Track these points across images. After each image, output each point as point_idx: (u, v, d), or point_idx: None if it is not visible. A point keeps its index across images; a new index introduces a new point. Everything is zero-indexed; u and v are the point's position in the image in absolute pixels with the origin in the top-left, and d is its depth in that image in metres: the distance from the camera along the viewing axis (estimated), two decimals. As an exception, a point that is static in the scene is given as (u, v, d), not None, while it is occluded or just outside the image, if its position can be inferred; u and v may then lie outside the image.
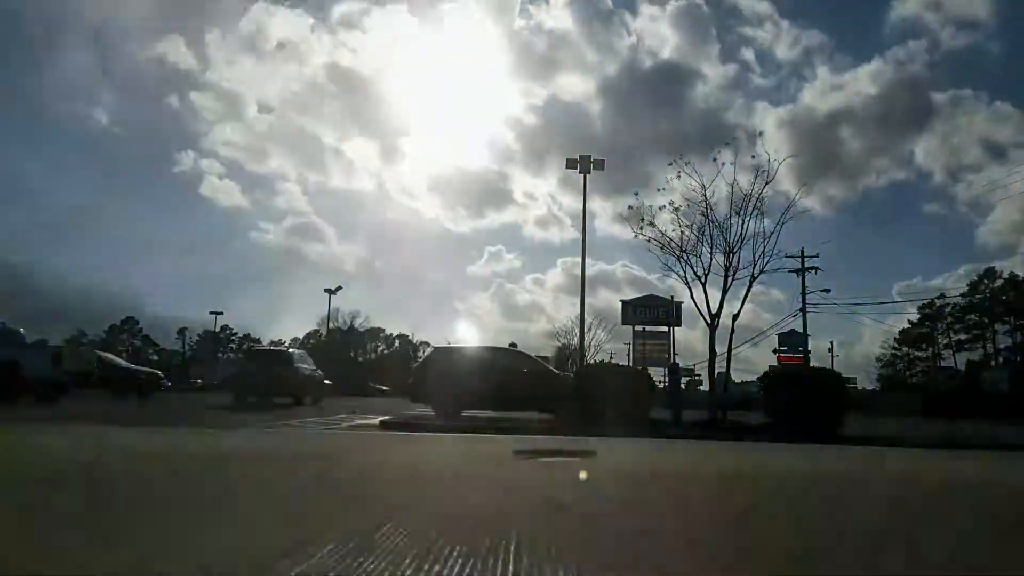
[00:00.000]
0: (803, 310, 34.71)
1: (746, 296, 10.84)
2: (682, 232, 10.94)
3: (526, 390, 10.48)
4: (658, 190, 11.22)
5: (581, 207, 23.17)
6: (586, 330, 26.30)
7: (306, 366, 19.05)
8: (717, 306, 10.80)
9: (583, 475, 3.68)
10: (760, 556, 1.94)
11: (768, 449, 6.49)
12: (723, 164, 10.67)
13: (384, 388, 49.77)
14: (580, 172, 22.37)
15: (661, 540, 2.08)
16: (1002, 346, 59.40)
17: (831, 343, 60.27)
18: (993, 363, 56.29)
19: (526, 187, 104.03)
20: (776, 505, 3.00)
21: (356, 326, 66.47)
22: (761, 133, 10.76)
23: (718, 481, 3.80)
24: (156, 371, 23.76)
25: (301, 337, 77.40)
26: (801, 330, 33.34)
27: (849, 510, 2.93)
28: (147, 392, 18.56)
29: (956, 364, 61.62)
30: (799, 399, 9.72)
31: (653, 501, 2.96)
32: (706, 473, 4.16)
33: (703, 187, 10.82)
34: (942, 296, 57.84)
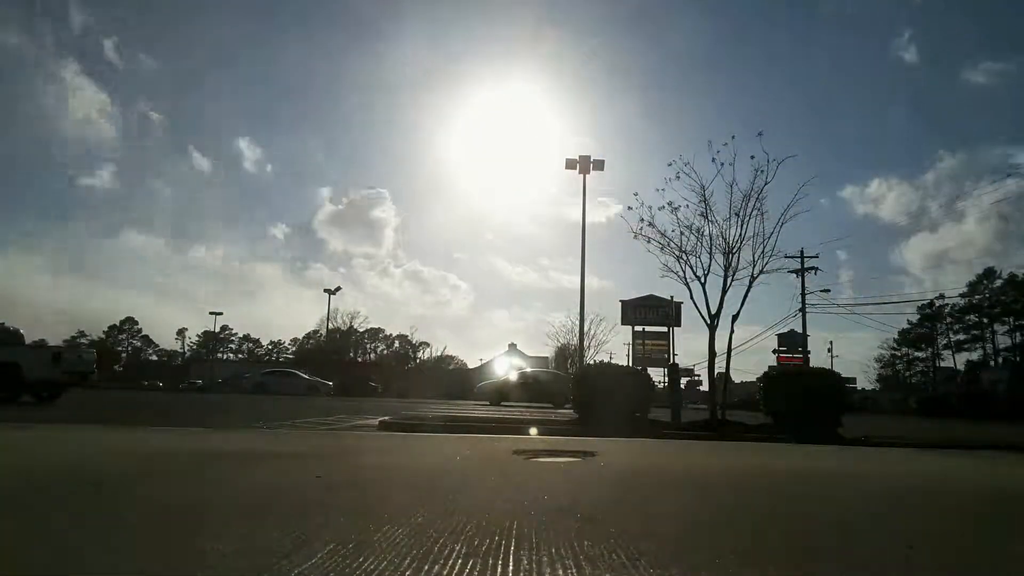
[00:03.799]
0: (803, 310, 34.73)
1: (745, 296, 10.82)
2: (681, 232, 10.91)
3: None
4: (657, 190, 11.13)
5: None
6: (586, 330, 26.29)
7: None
8: (717, 306, 10.77)
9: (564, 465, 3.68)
10: (753, 553, 1.95)
11: (764, 450, 6.49)
12: (723, 164, 10.62)
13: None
14: (580, 172, 22.39)
15: (660, 539, 2.09)
16: (1002, 346, 59.43)
17: (830, 343, 60.29)
18: (992, 363, 56.27)
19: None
20: (769, 503, 3.01)
21: (355, 326, 66.31)
22: (760, 133, 10.68)
23: (714, 481, 3.80)
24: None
25: (300, 337, 77.40)
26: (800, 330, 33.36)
27: (820, 505, 2.95)
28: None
29: (955, 364, 61.62)
30: (798, 399, 9.73)
31: (651, 501, 2.97)
32: (701, 473, 4.17)
33: (703, 187, 10.80)
34: (942, 296, 57.86)
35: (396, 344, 79.37)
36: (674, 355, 13.96)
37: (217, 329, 77.96)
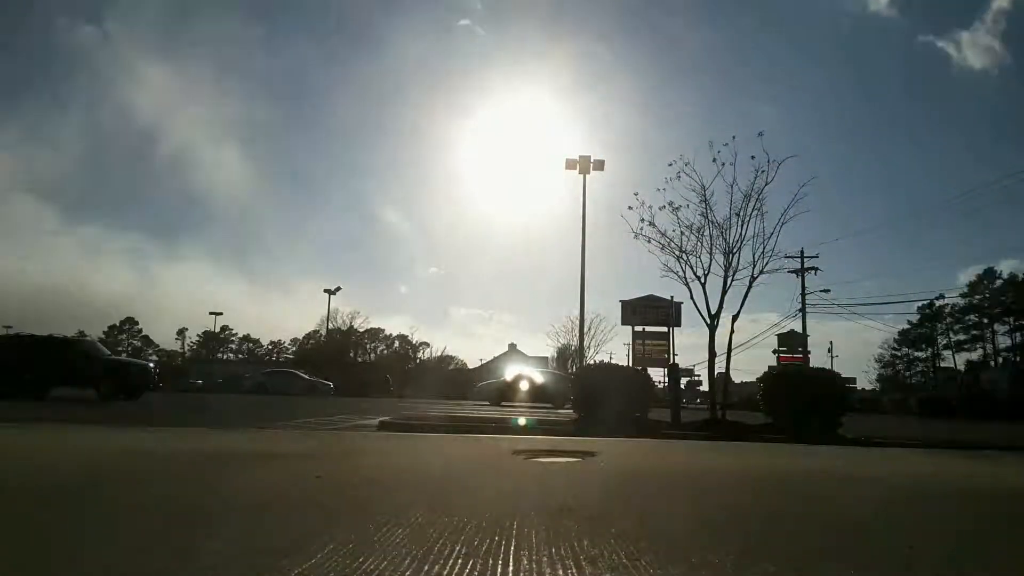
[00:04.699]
0: (803, 310, 34.75)
1: (746, 296, 10.81)
2: (682, 232, 10.90)
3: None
4: (657, 190, 11.12)
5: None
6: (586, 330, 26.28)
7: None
8: (717, 307, 10.77)
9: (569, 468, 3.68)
10: (754, 553, 1.95)
11: (764, 450, 6.49)
12: (723, 164, 10.61)
13: None
14: (580, 172, 22.40)
15: (660, 539, 2.08)
16: (1002, 346, 59.44)
17: (830, 343, 60.25)
18: (992, 363, 56.28)
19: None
20: (769, 503, 3.01)
21: (355, 326, 66.24)
22: (761, 133, 10.67)
23: (714, 481, 3.80)
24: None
25: (300, 337, 77.35)
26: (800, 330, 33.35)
27: (820, 505, 2.95)
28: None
29: (956, 364, 61.64)
30: (798, 399, 9.73)
31: (651, 501, 2.97)
32: (701, 473, 4.17)
33: (703, 187, 10.79)
34: (942, 296, 57.78)
35: (396, 344, 79.36)
36: (674, 355, 13.94)
37: (217, 329, 77.99)
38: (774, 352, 31.79)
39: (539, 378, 24.16)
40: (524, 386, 22.91)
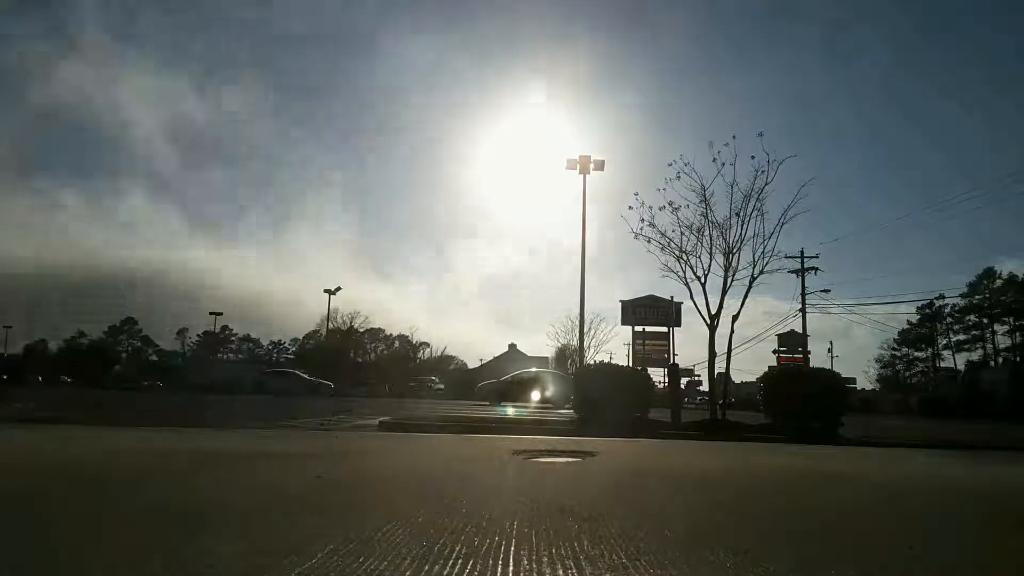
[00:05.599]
0: (803, 310, 34.73)
1: (746, 297, 10.81)
2: (682, 232, 10.90)
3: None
4: (657, 190, 11.11)
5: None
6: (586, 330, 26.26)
7: None
8: (717, 307, 10.77)
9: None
10: (753, 553, 1.95)
11: (764, 450, 6.49)
12: (723, 164, 10.61)
13: None
14: (580, 172, 22.37)
15: (660, 539, 2.09)
16: (1002, 346, 59.41)
17: (830, 343, 60.17)
18: (992, 363, 56.28)
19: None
20: (769, 503, 3.01)
21: (355, 326, 66.21)
22: (761, 134, 10.66)
23: (714, 481, 3.80)
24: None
25: (300, 337, 77.36)
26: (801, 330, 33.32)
27: (820, 505, 2.95)
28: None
29: (956, 364, 61.62)
30: (798, 400, 9.73)
31: (651, 501, 2.97)
32: (701, 473, 4.17)
33: (703, 187, 10.78)
34: (942, 296, 57.69)
35: (396, 344, 79.31)
36: (674, 355, 13.93)
37: (217, 329, 77.89)
38: (774, 352, 31.74)
39: (539, 378, 24.16)
40: (524, 386, 22.90)
